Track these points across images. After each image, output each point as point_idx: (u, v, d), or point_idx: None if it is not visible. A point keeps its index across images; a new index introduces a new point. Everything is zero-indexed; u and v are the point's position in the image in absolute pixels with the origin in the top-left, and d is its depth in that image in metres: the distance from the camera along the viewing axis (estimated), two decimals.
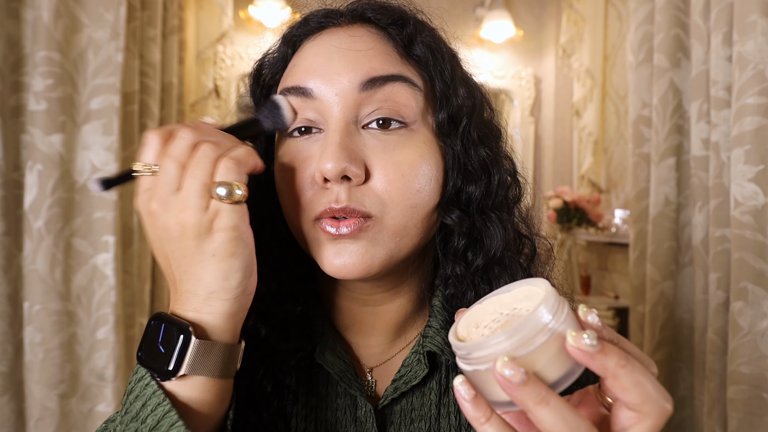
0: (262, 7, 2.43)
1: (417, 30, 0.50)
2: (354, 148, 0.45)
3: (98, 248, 1.39)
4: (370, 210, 0.46)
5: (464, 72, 0.54)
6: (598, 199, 2.42)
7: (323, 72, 0.47)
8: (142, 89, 1.64)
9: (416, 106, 0.48)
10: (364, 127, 0.47)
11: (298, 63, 0.50)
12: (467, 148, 0.50)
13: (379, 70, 0.46)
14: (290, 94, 0.48)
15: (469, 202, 0.50)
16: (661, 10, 1.44)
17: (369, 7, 0.51)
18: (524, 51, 2.90)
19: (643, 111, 1.55)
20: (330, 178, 0.44)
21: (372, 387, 0.55)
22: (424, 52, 0.49)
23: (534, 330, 0.32)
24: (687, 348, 1.42)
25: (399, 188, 0.46)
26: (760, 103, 1.08)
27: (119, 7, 1.37)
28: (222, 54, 2.53)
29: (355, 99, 0.46)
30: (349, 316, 0.56)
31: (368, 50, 0.47)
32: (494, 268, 0.51)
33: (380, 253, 0.47)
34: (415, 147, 0.47)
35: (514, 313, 0.35)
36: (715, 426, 1.21)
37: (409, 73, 0.48)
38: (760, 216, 1.09)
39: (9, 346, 1.29)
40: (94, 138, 1.36)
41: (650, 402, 0.31)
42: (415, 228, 0.48)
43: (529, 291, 0.36)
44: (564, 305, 0.33)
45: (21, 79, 1.28)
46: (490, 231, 0.51)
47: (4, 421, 1.28)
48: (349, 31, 0.49)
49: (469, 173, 0.50)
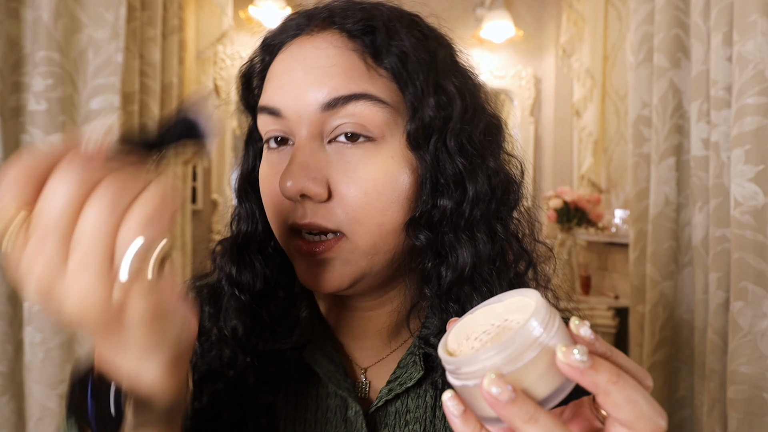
0: (262, 7, 2.43)
1: (388, 36, 0.47)
2: (315, 167, 0.45)
3: None
4: (338, 227, 0.46)
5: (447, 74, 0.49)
6: (598, 199, 2.42)
7: (288, 92, 0.47)
8: (142, 89, 1.64)
9: (382, 120, 0.46)
10: (330, 142, 0.47)
11: (269, 79, 0.50)
12: (440, 160, 0.48)
13: (340, 89, 0.45)
14: (263, 113, 0.49)
15: (441, 218, 0.48)
16: (661, 10, 1.44)
17: (338, 11, 0.49)
18: (524, 51, 2.90)
19: (643, 111, 1.55)
20: (288, 196, 0.45)
21: (366, 388, 0.54)
22: (394, 63, 0.47)
23: (524, 345, 0.31)
24: (687, 348, 1.42)
25: (362, 206, 0.45)
26: (760, 103, 1.08)
27: (119, 7, 1.37)
28: (222, 54, 2.53)
29: (318, 118, 0.46)
30: (341, 318, 0.56)
31: (331, 67, 0.46)
32: (463, 286, 0.49)
33: (351, 271, 0.47)
34: (380, 163, 0.46)
35: (505, 325, 0.34)
36: (715, 426, 1.21)
37: (375, 88, 0.46)
38: (760, 216, 1.09)
39: (9, 346, 1.29)
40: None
41: (643, 419, 0.30)
42: (386, 245, 0.48)
43: (521, 302, 0.35)
44: (555, 318, 0.33)
45: (21, 79, 1.28)
46: (458, 250, 0.48)
47: (4, 421, 1.28)
48: (315, 42, 0.48)
49: (441, 186, 0.48)
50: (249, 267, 0.54)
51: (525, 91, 2.89)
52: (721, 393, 1.20)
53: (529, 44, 2.89)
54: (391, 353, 0.55)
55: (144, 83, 1.64)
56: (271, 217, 0.50)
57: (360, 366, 0.55)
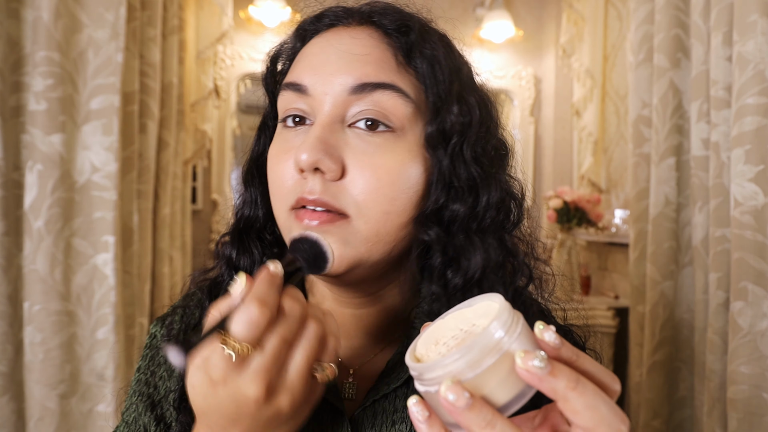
0: (262, 7, 2.43)
1: (421, 39, 0.49)
2: (333, 144, 0.46)
3: (98, 248, 1.39)
4: (344, 208, 0.46)
5: (468, 89, 0.52)
6: (598, 199, 2.42)
7: (319, 71, 0.48)
8: (142, 89, 1.64)
9: (404, 114, 0.48)
10: (350, 126, 0.48)
11: (300, 60, 0.51)
12: (456, 165, 0.49)
13: (371, 76, 0.47)
14: (288, 89, 0.50)
15: (453, 220, 0.49)
16: (661, 10, 1.44)
17: (376, 10, 0.51)
18: (524, 51, 2.89)
19: (643, 111, 1.55)
20: (303, 167, 0.45)
21: (353, 389, 0.54)
22: (423, 64, 0.49)
23: (484, 350, 0.31)
24: (687, 348, 1.42)
25: (373, 191, 0.46)
26: (760, 103, 1.08)
27: (119, 7, 1.37)
28: (222, 54, 2.53)
29: (344, 100, 0.47)
30: None
31: (365, 55, 0.48)
32: (473, 289, 0.49)
33: (349, 254, 0.47)
34: (397, 154, 0.47)
35: (471, 330, 0.34)
36: (715, 426, 1.21)
37: (403, 82, 0.48)
38: (760, 216, 1.09)
39: (9, 346, 1.29)
40: (94, 138, 1.36)
41: (603, 425, 0.31)
42: (388, 236, 0.48)
43: (488, 306, 0.36)
44: (518, 321, 0.33)
45: (21, 79, 1.28)
46: (470, 252, 0.49)
47: (4, 421, 1.28)
48: (352, 32, 0.50)
49: (456, 190, 0.49)
50: (247, 252, 0.55)
51: (525, 91, 2.89)
52: (721, 393, 1.20)
53: (529, 44, 2.89)
54: (379, 353, 0.55)
55: (144, 83, 1.64)
56: (277, 193, 0.50)
57: (348, 366, 0.55)
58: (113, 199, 1.38)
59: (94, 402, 1.41)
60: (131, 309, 1.62)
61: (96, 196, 1.38)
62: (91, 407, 1.40)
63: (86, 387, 1.40)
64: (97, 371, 1.40)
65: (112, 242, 1.39)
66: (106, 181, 1.37)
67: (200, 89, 2.35)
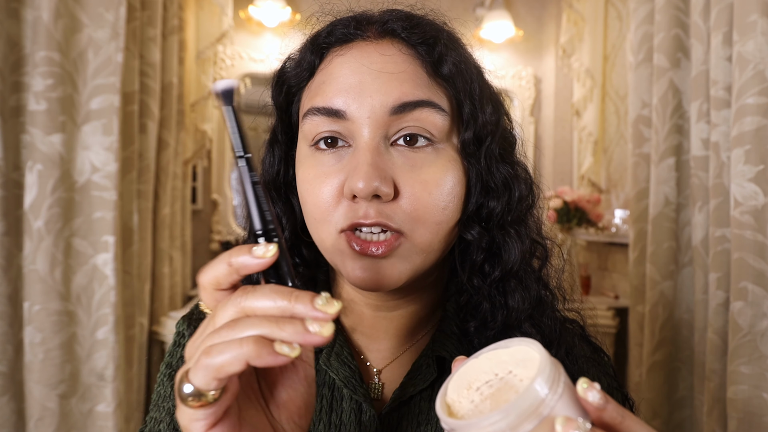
0: (262, 7, 2.43)
1: (447, 48, 0.50)
2: (384, 167, 0.46)
3: (98, 248, 1.39)
4: (400, 226, 0.47)
5: (489, 86, 0.54)
6: (598, 199, 2.42)
7: (355, 94, 0.47)
8: (142, 89, 1.64)
9: (443, 127, 0.48)
10: (392, 144, 0.48)
11: (327, 81, 0.49)
12: (490, 165, 0.51)
13: (409, 95, 0.47)
14: (320, 114, 0.49)
15: (490, 217, 0.51)
16: (661, 10, 1.44)
17: (400, 22, 0.50)
18: (524, 51, 2.89)
19: (643, 111, 1.55)
20: (361, 196, 0.45)
21: (379, 389, 0.54)
22: (452, 73, 0.49)
23: (525, 413, 0.30)
24: (687, 348, 1.42)
25: (426, 206, 0.47)
26: (760, 103, 1.08)
27: (119, 7, 1.37)
28: (222, 54, 2.52)
29: (385, 121, 0.47)
30: (360, 319, 0.56)
31: (400, 73, 0.48)
32: (510, 281, 0.52)
33: (406, 269, 0.48)
34: (441, 165, 0.48)
35: (508, 378, 0.33)
36: (715, 426, 1.21)
37: (437, 96, 0.49)
38: (760, 216, 1.09)
39: (9, 346, 1.29)
40: (94, 138, 1.36)
41: None
42: (440, 243, 0.49)
43: (526, 353, 0.34)
44: (560, 376, 0.31)
45: (21, 79, 1.28)
46: (508, 245, 0.52)
47: (4, 421, 1.28)
48: (379, 48, 0.49)
49: (492, 190, 0.51)
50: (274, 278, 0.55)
51: (525, 91, 2.89)
52: (721, 393, 1.20)
53: (529, 44, 2.89)
54: (404, 353, 0.56)
55: (144, 83, 1.64)
56: (320, 217, 0.49)
57: (375, 367, 0.56)
58: (113, 199, 1.38)
59: (94, 402, 1.41)
60: (131, 309, 1.62)
61: (96, 196, 1.38)
62: (91, 407, 1.40)
63: (86, 387, 1.40)
64: (97, 371, 1.40)
65: (112, 242, 1.39)
66: (106, 181, 1.37)
67: (200, 89, 2.35)
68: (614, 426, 0.31)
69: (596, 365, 0.58)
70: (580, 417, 0.30)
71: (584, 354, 0.58)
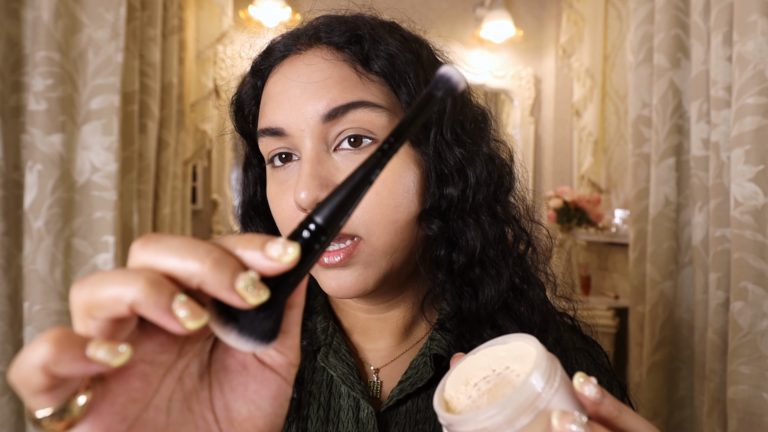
0: (262, 7, 2.43)
1: (374, 42, 0.49)
2: (326, 175, 0.46)
3: (98, 248, 1.39)
4: (354, 231, 0.47)
5: (432, 70, 0.51)
6: (598, 199, 2.42)
7: (289, 109, 0.48)
8: (142, 89, 1.63)
9: (381, 123, 0.47)
10: (335, 150, 0.48)
11: (266, 101, 0.51)
12: (441, 151, 0.50)
13: (339, 99, 0.47)
14: (265, 135, 0.50)
15: (449, 205, 0.50)
16: (661, 10, 1.44)
17: (323, 27, 0.50)
18: (524, 51, 2.89)
19: (643, 111, 1.55)
20: (304, 206, 0.46)
21: (378, 388, 0.55)
22: (384, 66, 0.48)
23: (521, 407, 0.30)
24: (687, 348, 1.42)
25: (375, 207, 0.47)
26: (760, 103, 1.08)
27: (119, 7, 1.37)
28: (222, 54, 2.52)
29: (321, 129, 0.47)
30: (355, 320, 0.57)
31: (326, 80, 0.47)
32: (474, 269, 0.51)
33: (373, 273, 0.48)
34: None
35: (505, 374, 0.33)
36: (715, 426, 1.21)
37: (370, 94, 0.48)
38: (760, 216, 1.09)
39: (9, 346, 1.29)
40: (94, 138, 1.36)
41: None
42: (402, 242, 0.49)
43: (523, 348, 0.34)
44: (556, 371, 0.31)
45: (21, 79, 1.28)
46: (466, 235, 0.50)
47: (4, 421, 1.28)
48: (305, 59, 0.49)
49: (446, 177, 0.50)
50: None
51: (525, 91, 2.89)
52: (721, 393, 1.20)
53: (529, 44, 2.89)
54: (403, 353, 0.56)
55: (144, 83, 1.64)
56: (286, 231, 0.50)
57: (372, 366, 0.56)
58: (113, 199, 1.38)
59: None
60: None
61: (96, 196, 1.37)
62: None
63: None
64: None
65: (112, 242, 1.39)
66: (106, 181, 1.37)
67: (200, 89, 2.35)
68: (611, 420, 0.31)
69: (587, 356, 0.58)
70: (576, 411, 0.30)
71: (575, 345, 0.57)
